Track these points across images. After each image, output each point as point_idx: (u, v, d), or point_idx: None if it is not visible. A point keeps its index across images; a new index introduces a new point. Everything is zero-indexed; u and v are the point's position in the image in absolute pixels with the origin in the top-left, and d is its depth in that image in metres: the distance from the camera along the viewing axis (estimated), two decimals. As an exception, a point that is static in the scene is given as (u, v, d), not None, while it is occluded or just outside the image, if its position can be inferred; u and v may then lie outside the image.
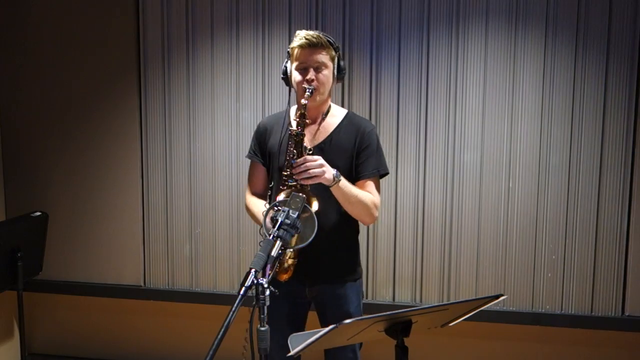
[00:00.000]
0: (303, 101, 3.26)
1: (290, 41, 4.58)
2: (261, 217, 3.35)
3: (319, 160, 3.20)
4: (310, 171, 3.16)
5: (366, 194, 3.42)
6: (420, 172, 4.59)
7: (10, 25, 5.08)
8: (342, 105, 4.58)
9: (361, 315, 3.55)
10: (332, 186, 3.25)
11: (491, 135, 4.50)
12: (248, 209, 3.66)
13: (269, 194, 3.56)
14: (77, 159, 5.08)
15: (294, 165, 3.20)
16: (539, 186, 4.49)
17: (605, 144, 4.39)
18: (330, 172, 3.21)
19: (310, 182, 3.20)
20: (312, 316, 3.68)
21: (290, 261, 3.33)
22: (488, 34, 4.45)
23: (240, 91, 4.77)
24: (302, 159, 3.20)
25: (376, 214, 3.49)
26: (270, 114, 4.41)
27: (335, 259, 3.51)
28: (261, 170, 3.63)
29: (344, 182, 3.28)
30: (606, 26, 4.32)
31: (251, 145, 3.68)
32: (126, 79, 4.94)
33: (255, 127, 3.71)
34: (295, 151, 3.26)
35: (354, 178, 3.45)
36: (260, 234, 3.35)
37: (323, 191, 3.28)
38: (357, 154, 3.45)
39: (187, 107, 4.87)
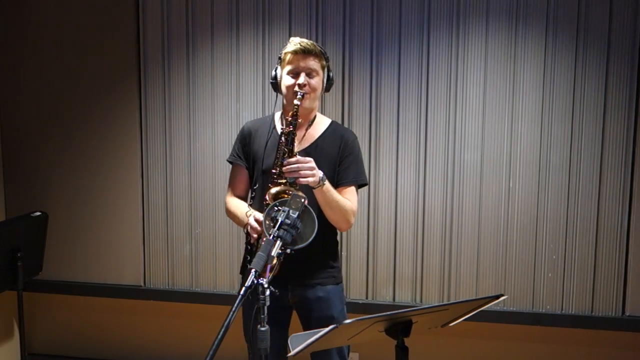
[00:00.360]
0: (296, 102, 3.30)
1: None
2: (244, 218, 3.40)
3: (311, 162, 3.24)
4: (302, 172, 3.20)
5: (346, 200, 3.47)
6: (420, 171, 4.60)
7: (11, 25, 5.08)
8: (342, 106, 4.61)
9: (345, 319, 3.57)
10: (316, 188, 3.28)
11: (491, 135, 4.50)
12: (228, 211, 3.70)
13: (251, 195, 3.61)
14: (78, 158, 5.09)
15: (285, 164, 3.23)
16: (539, 186, 4.49)
17: (605, 143, 4.39)
18: (317, 175, 3.25)
19: (299, 182, 3.23)
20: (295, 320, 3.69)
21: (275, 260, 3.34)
22: (488, 34, 4.45)
23: (240, 91, 4.78)
24: (294, 159, 3.22)
25: (352, 220, 3.55)
26: (270, 114, 4.44)
27: (316, 262, 3.54)
28: (244, 174, 3.67)
29: (327, 186, 3.33)
30: (606, 26, 4.32)
31: (234, 148, 3.73)
32: (126, 79, 4.94)
33: (239, 130, 3.74)
34: (286, 149, 3.29)
35: (335, 185, 3.48)
36: (244, 231, 3.38)
37: (305, 194, 3.28)
38: (340, 160, 3.52)
39: (187, 107, 4.87)
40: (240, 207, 3.58)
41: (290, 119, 3.29)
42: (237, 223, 3.60)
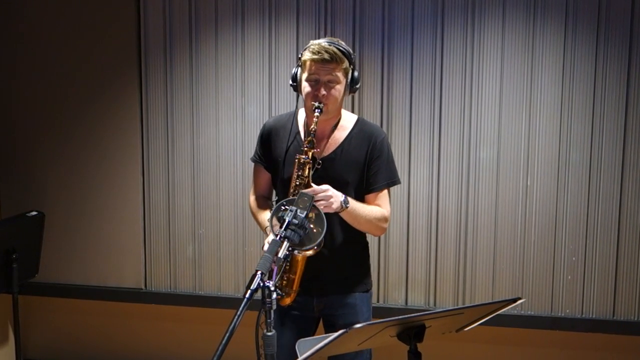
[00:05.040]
0: (313, 127, 3.25)
1: (298, 32, 4.61)
2: (264, 223, 3.39)
3: (327, 191, 3.21)
4: (320, 202, 3.15)
5: (375, 210, 3.46)
6: (434, 169, 4.60)
7: (6, 17, 5.09)
8: (352, 101, 4.59)
9: None
10: (340, 212, 3.28)
11: (508, 131, 4.50)
12: (253, 214, 3.72)
13: (272, 206, 3.60)
14: (75, 155, 5.10)
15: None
16: (558, 184, 4.49)
17: (627, 139, 4.39)
18: (337, 200, 3.23)
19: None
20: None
21: (287, 289, 3.36)
22: (505, 25, 4.45)
23: (245, 85, 4.79)
24: (310, 190, 3.20)
25: (385, 226, 3.55)
26: (276, 112, 4.46)
27: (344, 269, 3.55)
28: (265, 174, 3.65)
29: (352, 207, 3.31)
30: (629, 16, 4.32)
31: (256, 149, 3.69)
32: (126, 73, 4.96)
33: (261, 128, 3.71)
34: (300, 180, 3.29)
35: (365, 190, 3.48)
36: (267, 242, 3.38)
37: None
38: (368, 165, 3.47)
39: (190, 101, 4.88)
40: (261, 212, 3.58)
41: (306, 147, 3.27)
42: (260, 228, 3.62)
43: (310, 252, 3.14)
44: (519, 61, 4.45)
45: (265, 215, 3.51)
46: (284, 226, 2.75)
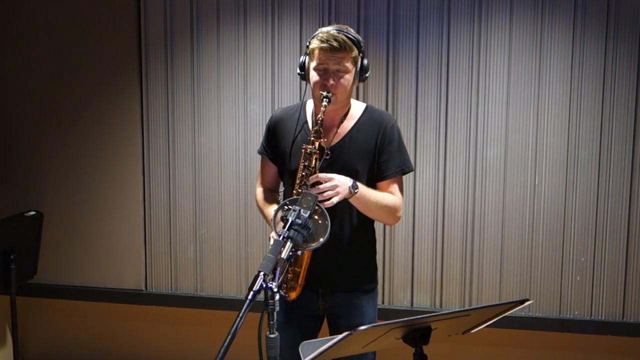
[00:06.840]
0: (320, 116, 3.24)
1: (301, 28, 4.60)
2: (269, 215, 3.40)
3: (333, 180, 3.20)
4: (325, 194, 3.15)
5: (388, 196, 3.44)
6: (440, 168, 4.60)
7: (5, 14, 5.09)
8: (357, 98, 4.57)
9: None
10: (349, 198, 3.27)
11: (516, 128, 4.50)
12: (259, 208, 3.71)
13: (279, 198, 3.61)
14: (74, 154, 5.10)
15: (308, 185, 3.21)
16: (567, 183, 4.48)
17: (638, 137, 4.39)
18: (345, 188, 3.22)
19: (326, 205, 3.12)
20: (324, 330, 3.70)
21: (293, 282, 3.37)
22: (512, 20, 4.44)
23: (248, 82, 4.78)
24: (314, 176, 3.22)
25: (399, 214, 3.52)
26: (280, 107, 4.42)
27: (351, 266, 3.53)
28: (272, 167, 3.65)
29: (361, 192, 3.30)
30: (639, 12, 4.31)
31: (262, 141, 3.69)
32: (126, 69, 4.96)
33: (268, 119, 3.70)
34: (306, 171, 3.28)
35: (376, 178, 3.47)
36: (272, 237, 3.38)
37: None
38: (379, 152, 3.45)
39: (191, 98, 4.88)
40: (267, 207, 3.59)
41: (313, 137, 3.26)
42: (265, 221, 3.64)
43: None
44: (526, 57, 4.44)
45: (271, 210, 3.49)
46: (286, 226, 2.75)
